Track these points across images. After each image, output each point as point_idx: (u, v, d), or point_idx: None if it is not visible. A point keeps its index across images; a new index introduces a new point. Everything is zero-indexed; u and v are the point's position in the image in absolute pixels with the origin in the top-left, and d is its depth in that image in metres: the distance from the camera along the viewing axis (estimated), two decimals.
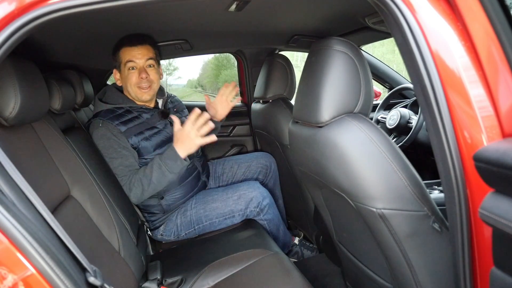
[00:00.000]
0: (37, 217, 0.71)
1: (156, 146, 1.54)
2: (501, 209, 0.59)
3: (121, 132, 1.48)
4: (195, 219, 1.60)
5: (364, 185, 0.90)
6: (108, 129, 1.47)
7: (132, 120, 1.54)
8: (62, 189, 1.10)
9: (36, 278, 0.66)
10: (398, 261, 0.95)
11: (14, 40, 0.69)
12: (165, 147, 1.53)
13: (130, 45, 1.52)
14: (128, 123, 1.52)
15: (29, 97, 0.91)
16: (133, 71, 1.53)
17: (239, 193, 1.62)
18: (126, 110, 1.55)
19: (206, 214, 1.59)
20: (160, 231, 1.62)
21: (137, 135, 1.51)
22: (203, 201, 1.62)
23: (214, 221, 1.60)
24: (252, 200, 1.60)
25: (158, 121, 1.59)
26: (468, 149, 0.71)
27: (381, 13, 0.80)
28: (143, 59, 1.53)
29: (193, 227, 1.60)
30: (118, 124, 1.49)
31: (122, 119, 1.52)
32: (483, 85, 0.71)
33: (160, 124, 1.59)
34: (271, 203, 1.67)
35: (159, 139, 1.56)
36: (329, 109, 0.97)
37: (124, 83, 1.58)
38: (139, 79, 1.53)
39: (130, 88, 1.56)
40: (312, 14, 1.38)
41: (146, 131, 1.54)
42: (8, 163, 0.71)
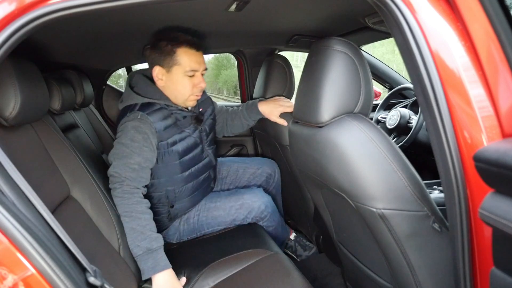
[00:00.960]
0: (37, 217, 0.72)
1: (182, 153, 1.42)
2: (501, 209, 0.59)
3: (156, 131, 1.33)
4: (197, 227, 1.56)
5: (364, 185, 0.90)
6: (146, 123, 1.31)
7: (166, 118, 1.38)
8: (62, 189, 1.10)
9: (36, 278, 0.66)
10: (398, 261, 0.95)
11: (14, 40, 0.69)
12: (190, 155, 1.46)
13: (194, 48, 1.36)
14: (163, 122, 1.36)
15: (29, 97, 0.91)
16: (192, 78, 1.38)
17: (242, 202, 1.56)
18: (161, 107, 1.38)
19: (208, 222, 1.55)
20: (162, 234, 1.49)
21: (167, 139, 1.38)
22: (206, 208, 1.57)
23: (215, 228, 1.57)
24: (254, 209, 1.56)
25: (189, 125, 1.46)
26: (468, 149, 0.71)
27: (381, 13, 0.80)
28: (202, 67, 1.40)
29: (195, 233, 1.57)
30: (156, 122, 1.33)
31: (159, 117, 1.35)
32: (483, 85, 0.71)
33: (190, 129, 1.46)
34: (273, 211, 1.63)
35: (186, 145, 1.44)
36: (329, 109, 0.97)
37: (173, 86, 1.38)
38: (198, 87, 1.40)
39: (180, 94, 1.39)
40: (312, 14, 1.38)
41: (175, 136, 1.40)
42: (8, 163, 0.71)
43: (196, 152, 1.49)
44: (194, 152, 1.48)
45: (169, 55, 1.33)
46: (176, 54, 1.33)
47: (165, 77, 1.38)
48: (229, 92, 31.10)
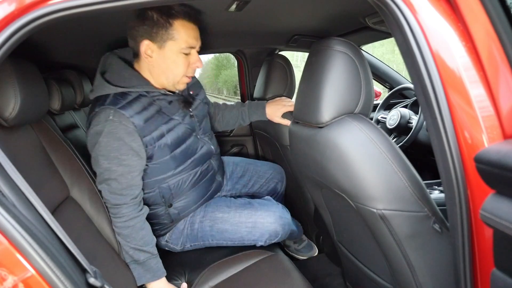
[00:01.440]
0: (37, 218, 0.71)
1: (173, 145, 1.24)
2: (502, 210, 0.59)
3: (136, 128, 1.13)
4: (201, 236, 1.37)
5: (364, 185, 0.90)
6: (120, 124, 1.11)
7: (147, 108, 1.17)
8: (61, 190, 1.10)
9: (36, 279, 0.66)
10: (399, 262, 0.95)
11: (14, 41, 0.69)
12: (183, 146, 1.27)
13: (192, 22, 1.15)
14: (144, 113, 1.16)
15: (28, 98, 0.91)
16: (186, 56, 1.18)
17: (255, 221, 1.32)
18: (140, 95, 1.18)
19: (212, 234, 1.35)
20: (166, 238, 1.40)
21: (152, 132, 1.18)
22: (211, 217, 1.35)
23: (221, 242, 1.37)
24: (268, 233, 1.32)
25: (178, 110, 1.26)
26: (468, 149, 0.71)
27: (381, 13, 0.80)
28: (199, 43, 1.20)
29: (199, 242, 1.39)
30: (133, 116, 1.13)
31: (137, 108, 1.15)
32: (483, 85, 0.70)
33: (179, 115, 1.26)
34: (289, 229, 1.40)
35: (177, 136, 1.24)
36: (330, 110, 0.97)
37: (165, 65, 1.17)
38: (192, 67, 1.21)
39: (173, 75, 1.19)
40: (312, 14, 1.38)
41: (162, 126, 1.20)
42: (8, 164, 0.71)
43: (190, 142, 1.30)
44: (188, 142, 1.29)
45: (163, 27, 1.11)
46: (173, 28, 1.11)
47: (155, 53, 1.15)
48: (229, 92, 31.09)
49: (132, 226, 1.17)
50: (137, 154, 1.15)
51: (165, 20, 1.11)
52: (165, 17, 1.10)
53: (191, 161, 1.31)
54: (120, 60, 1.21)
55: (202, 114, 1.41)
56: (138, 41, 1.14)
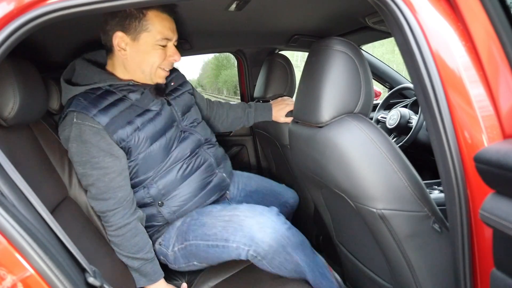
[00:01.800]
0: (36, 218, 0.71)
1: (152, 139, 1.15)
2: (502, 210, 0.59)
3: (102, 127, 1.07)
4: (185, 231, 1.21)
5: (364, 185, 0.90)
6: (84, 125, 1.06)
7: (116, 104, 1.10)
8: (60, 190, 1.09)
9: (35, 279, 0.66)
10: (398, 262, 0.95)
11: (13, 40, 0.69)
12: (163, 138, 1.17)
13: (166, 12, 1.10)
14: (111, 110, 1.09)
15: (27, 98, 0.91)
16: (162, 48, 1.13)
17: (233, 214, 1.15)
18: (105, 91, 1.11)
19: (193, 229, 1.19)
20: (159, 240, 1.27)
21: (124, 126, 1.10)
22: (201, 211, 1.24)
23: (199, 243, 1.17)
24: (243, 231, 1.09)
25: (152, 101, 1.18)
26: (468, 149, 0.71)
27: (381, 13, 0.80)
28: (175, 36, 1.15)
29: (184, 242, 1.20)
30: (97, 115, 1.06)
31: (101, 105, 1.08)
32: (483, 85, 0.70)
33: (155, 105, 1.18)
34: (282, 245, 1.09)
35: (155, 128, 1.15)
36: (329, 109, 0.96)
37: (139, 58, 1.12)
38: (169, 60, 1.16)
39: (147, 68, 1.14)
40: (312, 14, 1.38)
41: (136, 119, 1.12)
42: (7, 164, 0.71)
43: (171, 133, 1.19)
44: (168, 134, 1.19)
45: (137, 18, 1.06)
46: (146, 18, 1.06)
47: (129, 47, 1.09)
48: (229, 92, 31.10)
49: (122, 235, 1.11)
50: (109, 154, 1.08)
51: (138, 11, 1.06)
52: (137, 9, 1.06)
53: (175, 153, 1.20)
54: (84, 60, 1.17)
55: (185, 103, 1.30)
56: (111, 34, 1.09)
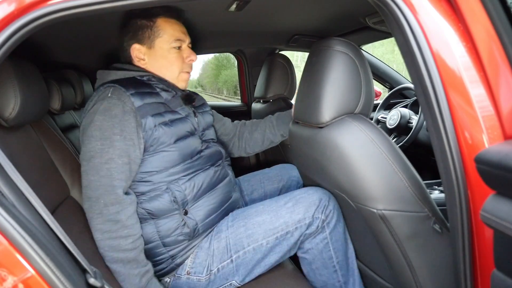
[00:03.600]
0: (36, 218, 0.71)
1: (177, 136, 1.11)
2: (503, 211, 0.59)
3: (134, 108, 1.03)
4: (233, 243, 1.09)
5: (364, 186, 0.90)
6: (119, 100, 1.02)
7: (150, 94, 1.10)
8: (61, 190, 1.09)
9: (36, 280, 0.66)
10: (399, 262, 0.95)
11: (14, 41, 0.69)
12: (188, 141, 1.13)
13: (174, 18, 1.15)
14: (146, 97, 1.07)
15: (28, 98, 0.91)
16: (178, 50, 1.15)
17: (296, 199, 1.13)
18: (145, 83, 1.12)
19: (248, 234, 1.09)
20: (186, 267, 1.10)
21: (154, 116, 1.07)
22: (243, 216, 1.14)
23: (260, 243, 1.09)
24: (316, 204, 1.09)
25: (180, 106, 1.18)
26: (469, 149, 0.71)
27: (381, 13, 0.80)
28: (188, 38, 1.18)
29: (229, 256, 1.09)
30: (134, 95, 1.04)
31: (139, 90, 1.07)
32: (484, 85, 0.70)
33: (183, 111, 1.17)
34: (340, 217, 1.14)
35: (183, 129, 1.13)
36: (330, 110, 0.96)
37: (158, 64, 1.15)
38: (187, 62, 1.18)
39: (169, 72, 1.16)
40: (312, 14, 1.38)
41: (166, 114, 1.11)
42: (7, 164, 0.71)
43: (193, 140, 1.16)
44: (190, 139, 1.15)
45: (148, 27, 1.12)
46: (156, 25, 1.12)
47: (147, 56, 1.14)
48: (229, 92, 31.07)
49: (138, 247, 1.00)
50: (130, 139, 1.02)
51: (148, 20, 1.12)
52: (147, 18, 1.12)
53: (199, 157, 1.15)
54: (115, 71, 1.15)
55: (207, 122, 1.31)
56: (128, 49, 1.14)
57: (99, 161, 0.99)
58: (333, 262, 1.13)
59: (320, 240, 1.11)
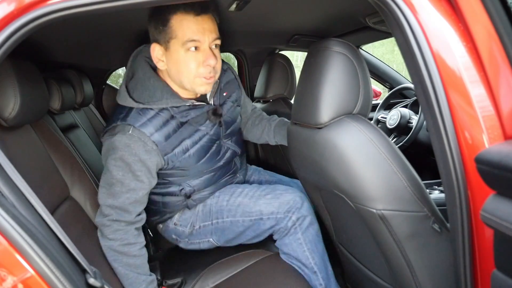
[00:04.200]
0: (36, 219, 0.71)
1: (196, 158, 1.17)
2: (503, 211, 0.59)
3: (156, 146, 1.07)
4: (215, 211, 1.26)
5: (363, 186, 0.90)
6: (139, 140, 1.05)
7: (170, 122, 1.11)
8: (61, 190, 1.09)
9: (36, 280, 0.66)
10: (398, 262, 0.95)
11: (13, 41, 0.69)
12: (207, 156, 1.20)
13: (193, 13, 1.01)
14: (164, 128, 1.09)
15: (28, 98, 0.91)
16: (194, 52, 1.04)
17: (275, 193, 1.24)
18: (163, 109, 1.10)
19: (228, 208, 1.24)
20: (174, 220, 1.31)
21: (175, 147, 1.11)
22: (229, 192, 1.27)
23: (237, 219, 1.23)
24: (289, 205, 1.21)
25: (205, 121, 1.18)
26: (469, 149, 0.71)
27: (381, 13, 0.80)
28: (210, 37, 1.04)
29: (210, 219, 1.26)
30: (153, 134, 1.07)
31: (158, 124, 1.08)
32: (484, 85, 0.70)
33: (206, 126, 1.18)
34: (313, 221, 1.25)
35: (200, 148, 1.17)
36: (328, 111, 0.96)
37: (175, 67, 1.06)
38: (205, 66, 1.05)
39: (184, 77, 1.07)
40: (312, 14, 1.38)
41: (186, 140, 1.14)
42: (7, 164, 0.71)
43: (213, 150, 1.23)
44: (211, 151, 1.22)
45: (163, 25, 1.02)
46: (171, 24, 1.02)
47: (165, 57, 1.07)
48: None
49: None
50: (148, 175, 1.09)
51: (163, 17, 1.02)
52: (163, 14, 1.02)
53: (215, 165, 1.25)
54: (146, 64, 1.12)
55: (231, 118, 1.30)
56: (150, 47, 1.08)
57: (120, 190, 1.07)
58: (311, 264, 1.24)
59: (294, 240, 1.23)
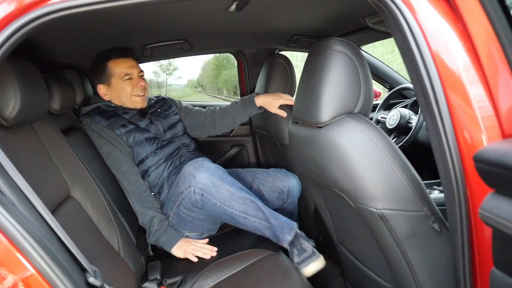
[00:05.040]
0: (37, 218, 0.72)
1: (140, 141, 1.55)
2: (501, 209, 0.59)
3: (104, 126, 1.51)
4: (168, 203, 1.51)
5: (364, 185, 0.90)
6: (94, 122, 1.52)
7: (114, 116, 1.56)
8: (62, 189, 1.10)
9: (36, 279, 0.66)
10: (398, 261, 0.95)
11: (14, 41, 0.69)
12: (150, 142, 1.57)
13: (121, 57, 1.54)
14: (110, 118, 1.54)
15: (28, 98, 0.91)
16: (129, 81, 1.56)
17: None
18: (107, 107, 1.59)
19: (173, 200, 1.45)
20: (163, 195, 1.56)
21: (119, 127, 1.53)
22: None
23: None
24: (186, 177, 1.37)
25: (139, 120, 1.60)
26: (468, 149, 0.71)
27: (381, 13, 0.80)
28: (136, 70, 1.58)
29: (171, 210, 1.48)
30: (100, 120, 1.52)
31: (104, 114, 1.55)
32: (483, 85, 0.71)
33: (143, 123, 1.60)
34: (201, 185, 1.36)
35: (142, 136, 1.57)
36: (329, 110, 0.97)
37: (116, 94, 1.58)
38: (138, 87, 1.57)
39: (125, 99, 1.58)
40: (312, 14, 1.38)
41: (129, 124, 1.56)
42: (8, 164, 0.71)
43: (153, 141, 1.58)
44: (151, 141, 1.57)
45: (104, 70, 1.54)
46: (108, 67, 1.53)
47: (109, 91, 1.58)
48: (229, 92, 31.07)
49: None
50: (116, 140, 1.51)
51: (103, 65, 1.54)
52: (102, 63, 1.54)
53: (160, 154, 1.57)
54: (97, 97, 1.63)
55: (169, 123, 1.69)
56: (95, 88, 1.61)
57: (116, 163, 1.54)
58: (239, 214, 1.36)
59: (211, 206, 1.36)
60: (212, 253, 1.39)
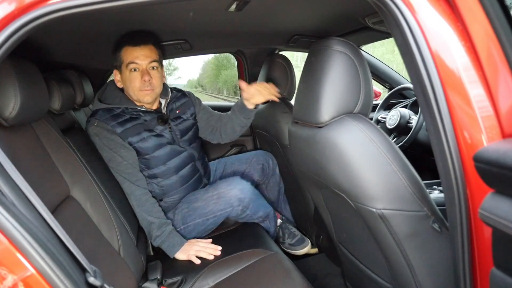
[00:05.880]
0: (37, 218, 0.72)
1: (155, 147, 1.50)
2: (501, 209, 0.59)
3: (116, 133, 1.45)
4: (180, 219, 1.56)
5: (364, 185, 0.90)
6: (102, 129, 1.44)
7: (130, 120, 1.48)
8: (62, 189, 1.10)
9: (36, 279, 0.66)
10: (398, 261, 0.95)
11: (14, 41, 0.69)
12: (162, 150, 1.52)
13: (132, 45, 1.43)
14: (125, 124, 1.47)
15: (28, 97, 0.91)
16: (135, 72, 1.45)
17: (218, 192, 1.53)
18: (123, 110, 1.50)
19: (189, 214, 1.54)
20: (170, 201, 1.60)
21: (134, 136, 1.47)
22: (188, 200, 1.58)
23: (197, 221, 1.53)
24: (234, 201, 1.50)
25: (157, 125, 1.54)
26: (468, 149, 0.71)
27: (381, 13, 0.80)
28: (146, 61, 1.45)
29: (179, 226, 1.55)
30: (114, 126, 1.45)
31: (119, 120, 1.47)
32: (483, 85, 0.71)
33: (158, 129, 1.53)
34: (255, 196, 1.58)
35: (158, 142, 1.51)
36: (329, 110, 0.97)
37: (125, 85, 1.50)
38: (142, 82, 1.45)
39: (131, 91, 1.48)
40: (312, 14, 1.38)
41: (144, 132, 1.49)
42: (8, 164, 0.71)
43: (169, 149, 1.54)
44: (166, 148, 1.53)
45: (117, 56, 1.47)
46: (120, 54, 1.45)
47: (121, 79, 1.50)
48: (229, 92, 31.09)
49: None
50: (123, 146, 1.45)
51: (117, 51, 1.46)
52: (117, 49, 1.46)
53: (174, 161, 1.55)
54: (114, 85, 1.55)
55: (185, 128, 1.65)
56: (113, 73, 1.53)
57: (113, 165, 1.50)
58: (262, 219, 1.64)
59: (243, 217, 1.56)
60: (216, 252, 1.40)
